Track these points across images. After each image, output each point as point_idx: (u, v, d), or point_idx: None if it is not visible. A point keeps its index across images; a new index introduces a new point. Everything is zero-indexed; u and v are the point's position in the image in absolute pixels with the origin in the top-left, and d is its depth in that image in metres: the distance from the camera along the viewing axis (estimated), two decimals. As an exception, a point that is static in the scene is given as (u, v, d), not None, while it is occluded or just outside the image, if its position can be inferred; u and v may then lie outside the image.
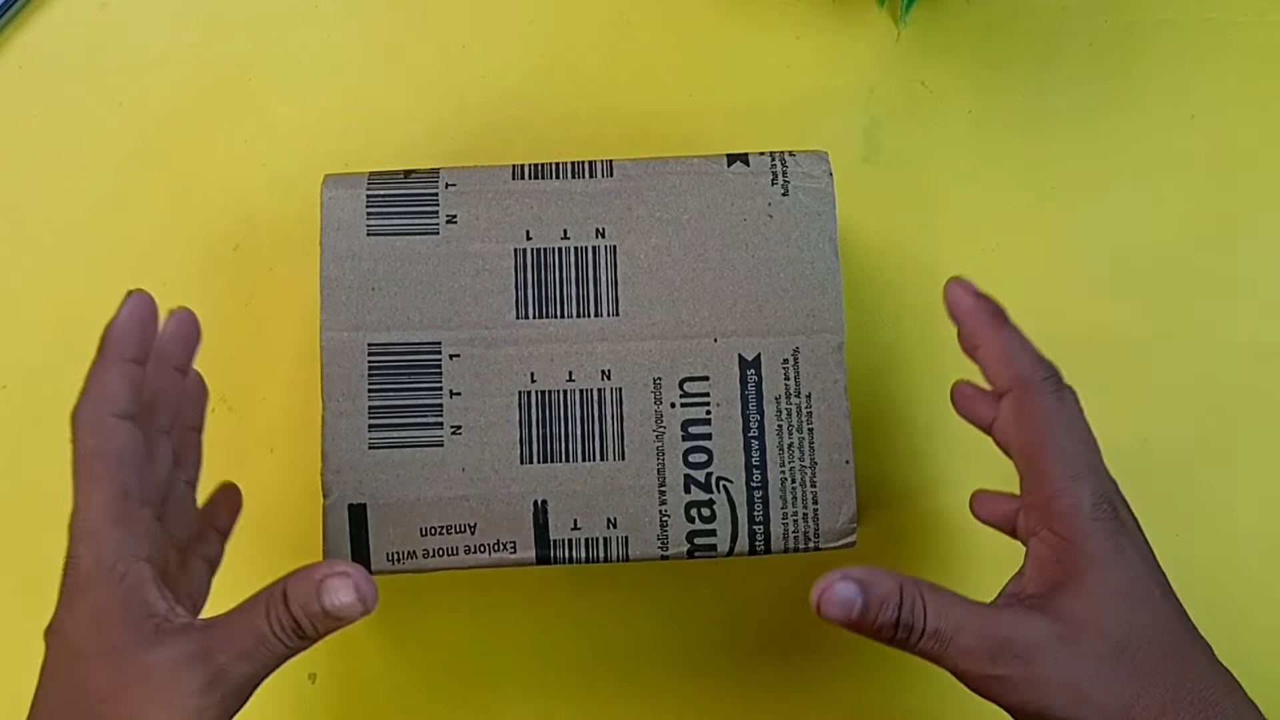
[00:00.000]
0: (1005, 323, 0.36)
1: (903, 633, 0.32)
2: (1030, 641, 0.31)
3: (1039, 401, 0.34)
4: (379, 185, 0.40)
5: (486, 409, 0.39)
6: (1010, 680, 0.31)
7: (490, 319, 0.40)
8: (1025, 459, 0.34)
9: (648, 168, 0.41)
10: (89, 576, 0.32)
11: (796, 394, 0.40)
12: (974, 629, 0.32)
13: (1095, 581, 0.32)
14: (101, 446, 0.33)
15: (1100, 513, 0.33)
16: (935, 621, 0.32)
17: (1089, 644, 0.31)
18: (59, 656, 0.32)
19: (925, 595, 0.32)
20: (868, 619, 0.32)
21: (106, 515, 0.32)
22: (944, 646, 0.32)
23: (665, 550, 0.39)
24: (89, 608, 0.32)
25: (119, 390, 0.34)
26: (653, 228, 0.40)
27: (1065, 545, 0.33)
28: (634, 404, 0.39)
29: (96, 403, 0.33)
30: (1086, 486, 0.33)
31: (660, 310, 0.40)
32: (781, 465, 0.39)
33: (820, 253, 0.40)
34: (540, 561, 0.39)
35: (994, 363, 0.35)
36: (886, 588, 0.32)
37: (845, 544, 0.39)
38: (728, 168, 0.41)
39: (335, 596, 0.32)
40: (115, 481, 0.33)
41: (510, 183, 0.41)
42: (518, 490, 0.39)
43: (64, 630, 0.32)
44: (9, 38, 0.47)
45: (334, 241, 0.40)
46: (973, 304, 0.36)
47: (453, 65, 0.48)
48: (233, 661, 0.31)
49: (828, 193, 0.41)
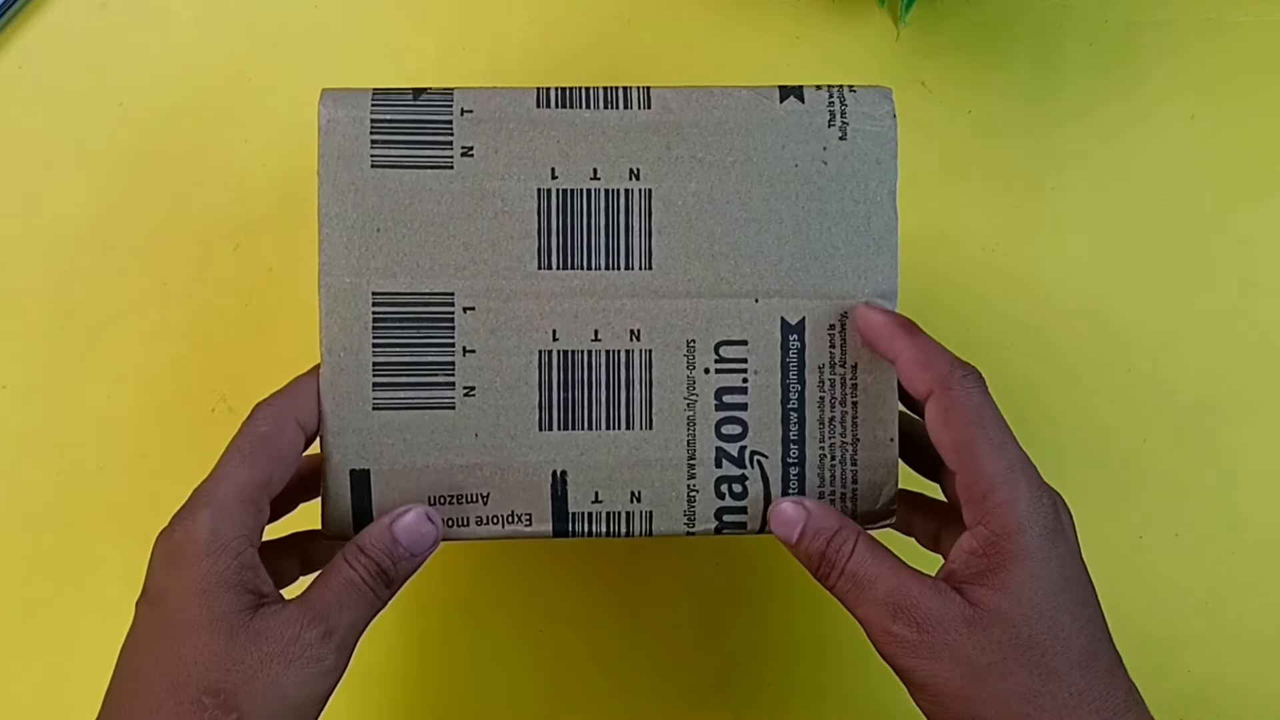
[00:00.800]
0: (918, 331, 0.35)
1: (825, 567, 0.34)
2: (934, 613, 0.32)
3: (963, 397, 0.34)
4: (385, 107, 0.35)
5: (503, 369, 0.36)
6: (904, 641, 0.32)
7: (509, 268, 0.35)
8: (957, 454, 0.34)
9: (690, 98, 0.36)
10: (204, 546, 0.32)
11: (841, 363, 0.36)
12: (888, 585, 0.33)
13: (1021, 576, 0.32)
14: (270, 437, 0.34)
15: (1037, 507, 0.33)
16: (855, 567, 0.33)
17: (997, 632, 0.32)
18: (155, 625, 0.32)
19: (858, 542, 0.34)
20: (800, 544, 0.35)
21: (241, 494, 0.33)
22: (857, 592, 0.33)
23: (691, 527, 0.36)
24: (198, 576, 0.32)
25: (312, 407, 0.35)
26: (693, 170, 0.36)
27: (998, 538, 0.32)
28: (664, 368, 0.36)
29: (289, 402, 0.35)
30: (1023, 479, 0.33)
31: (697, 265, 0.36)
32: (821, 441, 0.36)
33: (878, 206, 0.36)
34: (558, 534, 0.36)
35: (913, 368, 0.34)
36: (826, 523, 0.34)
37: (883, 526, 0.37)
38: (780, 103, 0.36)
39: (408, 531, 0.34)
40: (264, 469, 0.34)
41: (534, 110, 0.36)
42: (535, 459, 0.36)
43: (166, 598, 0.32)
44: (9, 38, 0.47)
45: (334, 172, 0.35)
46: (883, 320, 0.35)
47: (453, 65, 0.47)
48: (336, 613, 0.33)
49: (890, 137, 0.36)
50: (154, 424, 0.45)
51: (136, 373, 0.45)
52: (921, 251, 0.45)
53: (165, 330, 0.46)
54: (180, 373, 0.45)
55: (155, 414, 0.45)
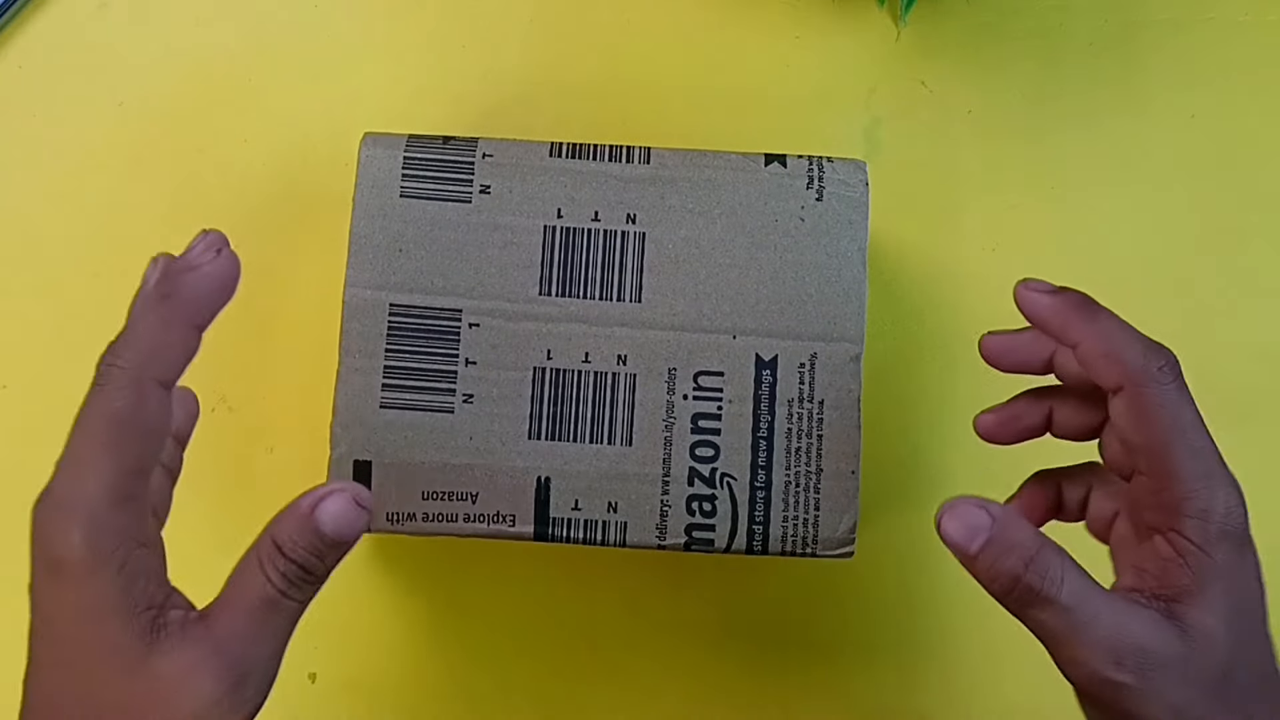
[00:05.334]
0: (1099, 311, 0.33)
1: (1024, 594, 0.30)
2: (1159, 654, 0.29)
3: (1159, 396, 0.31)
4: (417, 148, 0.41)
5: (500, 381, 0.39)
6: (1126, 688, 0.29)
7: (513, 292, 0.40)
8: (1150, 458, 0.31)
9: (685, 159, 0.41)
10: (82, 564, 0.28)
11: (809, 399, 0.40)
12: (1109, 623, 0.29)
13: (1219, 596, 0.30)
14: (130, 414, 0.29)
15: (1232, 522, 0.31)
16: (1072, 601, 0.29)
17: (1202, 665, 0.30)
18: (52, 648, 0.29)
19: (1067, 567, 0.30)
20: (985, 558, 0.30)
21: (111, 494, 0.28)
22: (1071, 632, 0.30)
23: (663, 540, 0.39)
24: (84, 600, 0.28)
25: (175, 357, 0.30)
26: (684, 219, 0.40)
27: (1194, 551, 0.30)
28: (647, 392, 0.40)
29: (143, 361, 0.29)
30: (1220, 490, 0.31)
31: (682, 301, 0.40)
32: (787, 468, 0.39)
33: (848, 261, 0.40)
34: (538, 538, 0.39)
35: (1098, 360, 0.32)
36: (1022, 536, 0.30)
37: (843, 553, 0.40)
38: (764, 167, 0.41)
39: (336, 519, 0.29)
40: (131, 456, 0.29)
41: (547, 159, 0.41)
42: (523, 465, 0.39)
43: (54, 620, 0.28)
44: (9, 38, 0.47)
45: (367, 199, 0.40)
46: (1052, 302, 0.33)
47: (453, 65, 0.48)
48: (248, 647, 0.28)
49: (862, 202, 0.41)
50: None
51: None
52: (922, 251, 0.47)
53: (165, 330, 0.46)
54: (180, 372, 0.46)
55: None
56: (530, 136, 0.42)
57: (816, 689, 0.45)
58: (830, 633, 0.45)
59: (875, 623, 0.45)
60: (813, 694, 0.45)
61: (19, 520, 0.44)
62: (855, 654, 0.45)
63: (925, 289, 0.46)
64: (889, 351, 0.46)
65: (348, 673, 0.34)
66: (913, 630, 0.45)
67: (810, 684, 0.45)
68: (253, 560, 0.29)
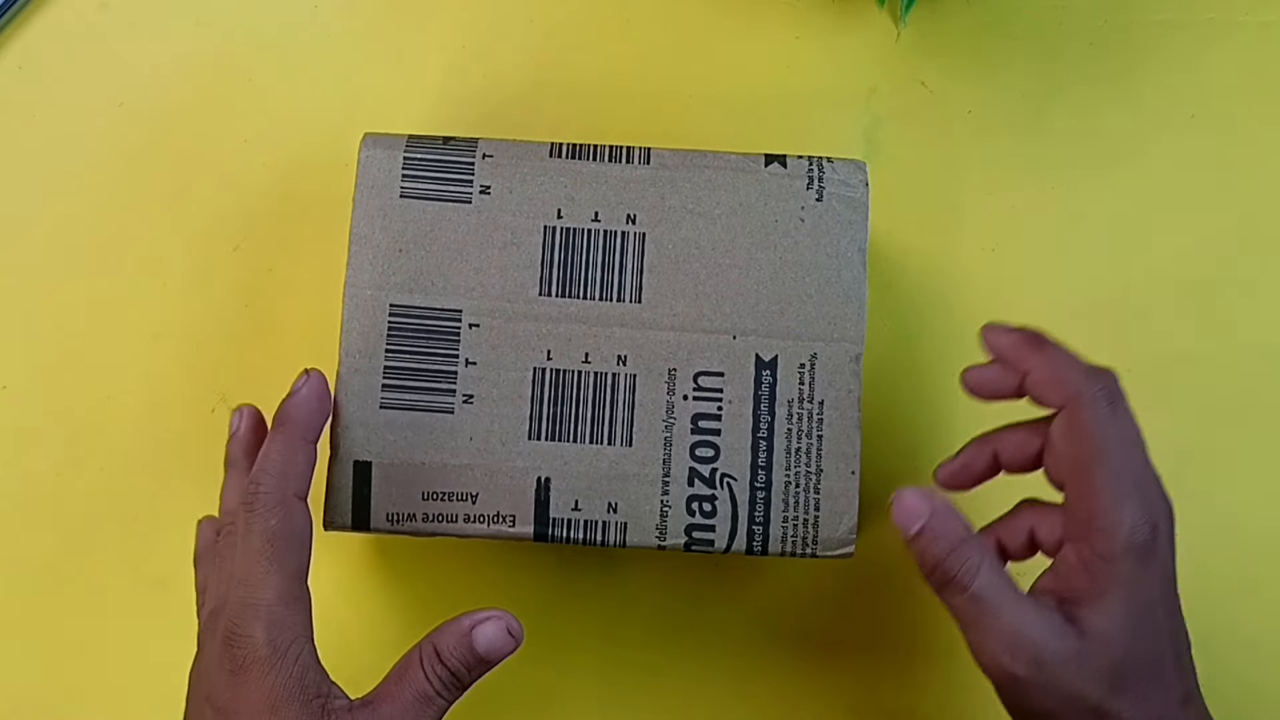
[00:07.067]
0: (1047, 343, 0.36)
1: (942, 576, 0.34)
2: (1055, 650, 0.33)
3: (1089, 414, 0.34)
4: (417, 149, 0.40)
5: (500, 381, 0.39)
6: (1020, 680, 0.33)
7: (513, 292, 0.40)
8: (1074, 473, 0.34)
9: (684, 159, 0.41)
10: (264, 659, 0.33)
11: (809, 399, 0.40)
12: (1011, 618, 0.33)
13: (1117, 602, 0.33)
14: (284, 529, 0.34)
15: (1136, 538, 0.33)
16: (982, 591, 0.33)
17: (1097, 661, 0.33)
18: None
19: (986, 562, 0.33)
20: (918, 541, 0.34)
21: (283, 597, 0.33)
22: (977, 617, 0.33)
23: (663, 541, 0.39)
24: (265, 690, 0.32)
25: (303, 471, 0.35)
26: (683, 219, 0.40)
27: (1096, 561, 0.33)
28: (646, 392, 0.39)
29: (282, 482, 0.35)
30: (1129, 508, 0.33)
31: (682, 302, 0.40)
32: (787, 468, 0.39)
33: (848, 261, 0.40)
34: (538, 538, 0.39)
35: (1044, 384, 0.35)
36: (952, 527, 0.34)
37: (843, 553, 0.40)
38: (764, 167, 0.41)
39: (490, 641, 0.34)
40: (292, 563, 0.34)
41: (547, 160, 0.41)
42: (523, 465, 0.39)
43: (237, 712, 0.33)
44: (9, 38, 0.47)
45: (367, 200, 0.40)
46: (1008, 337, 0.37)
47: (453, 65, 0.48)
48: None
49: (862, 202, 0.41)
50: (154, 424, 0.45)
51: (136, 373, 0.45)
52: (922, 251, 0.47)
53: (165, 330, 0.46)
54: (180, 373, 0.45)
55: (155, 414, 0.45)
56: (530, 137, 0.42)
57: (816, 689, 0.45)
58: (830, 633, 0.45)
59: (875, 623, 0.45)
60: (813, 694, 0.45)
61: (19, 520, 0.46)
62: (855, 654, 0.45)
63: (925, 289, 0.46)
64: (889, 351, 0.46)
65: (348, 673, 0.34)
66: (913, 630, 0.45)
67: (810, 684, 0.45)
68: (414, 659, 0.34)
